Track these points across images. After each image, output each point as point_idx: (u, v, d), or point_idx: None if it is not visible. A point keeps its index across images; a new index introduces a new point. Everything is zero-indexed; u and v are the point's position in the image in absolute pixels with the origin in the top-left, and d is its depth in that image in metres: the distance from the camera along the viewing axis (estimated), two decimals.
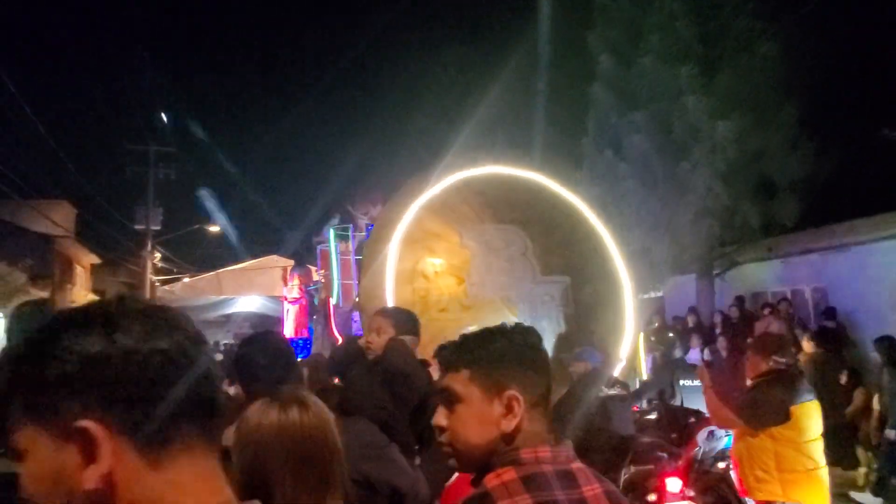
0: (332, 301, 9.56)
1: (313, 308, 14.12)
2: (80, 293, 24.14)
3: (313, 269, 16.10)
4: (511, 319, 7.75)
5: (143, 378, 0.87)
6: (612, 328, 8.50)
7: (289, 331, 15.52)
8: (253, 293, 26.13)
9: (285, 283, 16.28)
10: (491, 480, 1.55)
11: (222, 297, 26.29)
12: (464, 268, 7.90)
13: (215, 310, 26.03)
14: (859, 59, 11.16)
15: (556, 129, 12.99)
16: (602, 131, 12.05)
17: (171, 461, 0.89)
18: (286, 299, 16.03)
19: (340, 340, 8.66)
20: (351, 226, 10.83)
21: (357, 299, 8.48)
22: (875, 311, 11.28)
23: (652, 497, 5.33)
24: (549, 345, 7.76)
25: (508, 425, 1.60)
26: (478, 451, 1.62)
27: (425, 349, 7.48)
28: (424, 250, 7.89)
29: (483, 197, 8.36)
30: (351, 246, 10.63)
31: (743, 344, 9.03)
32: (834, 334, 9.90)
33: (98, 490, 0.84)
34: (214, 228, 28.95)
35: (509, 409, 1.61)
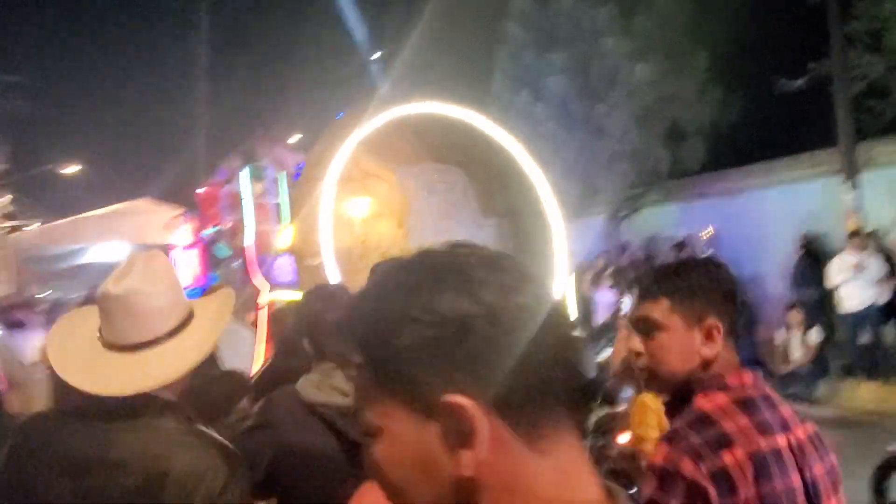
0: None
1: (212, 256, 13.06)
2: None
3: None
4: None
5: (511, 342, 0.73)
6: (547, 270, 8.41)
7: (183, 280, 14.41)
8: (116, 240, 23.56)
9: (170, 229, 15.00)
10: (703, 404, 1.64)
11: (79, 245, 23.81)
12: (404, 210, 7.42)
13: (69, 259, 23.43)
14: (766, 8, 11.53)
15: (465, 66, 12.53)
16: (517, 71, 11.78)
17: (548, 444, 0.75)
18: (174, 246, 14.78)
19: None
20: (268, 167, 9.87)
21: (288, 244, 7.78)
22: (758, 255, 12.05)
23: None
24: None
25: (709, 352, 1.69)
26: (678, 376, 1.71)
27: None
28: (362, 191, 7.32)
29: (421, 136, 7.85)
30: (267, 188, 9.74)
31: None
32: None
33: (477, 477, 0.72)
34: (72, 169, 26.18)
35: (709, 338, 1.70)
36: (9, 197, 25.52)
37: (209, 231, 12.51)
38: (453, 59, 11.69)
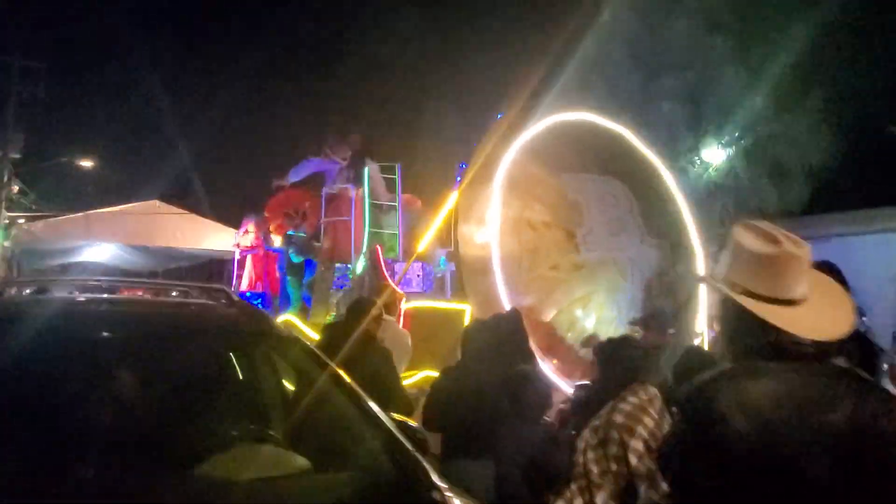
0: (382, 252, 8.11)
1: (287, 259, 12.38)
2: None
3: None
4: (622, 284, 6.87)
5: None
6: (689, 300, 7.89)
7: (244, 283, 13.69)
8: (110, 240, 22.14)
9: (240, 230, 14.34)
10: None
11: (75, 243, 22.76)
12: (571, 220, 6.88)
13: (59, 257, 22.22)
14: (883, 55, 11.31)
15: (566, 86, 12.10)
16: (622, 95, 11.38)
17: None
18: (238, 246, 14.09)
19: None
20: (367, 168, 9.30)
21: (452, 249, 7.20)
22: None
23: None
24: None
25: None
26: None
27: (534, 311, 6.46)
28: (529, 197, 6.79)
29: (582, 144, 7.37)
30: (364, 191, 9.18)
31: None
32: None
33: None
34: (88, 163, 25.34)
35: None
36: (16, 187, 24.58)
37: (290, 233, 11.84)
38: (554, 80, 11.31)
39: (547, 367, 6.25)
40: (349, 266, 9.09)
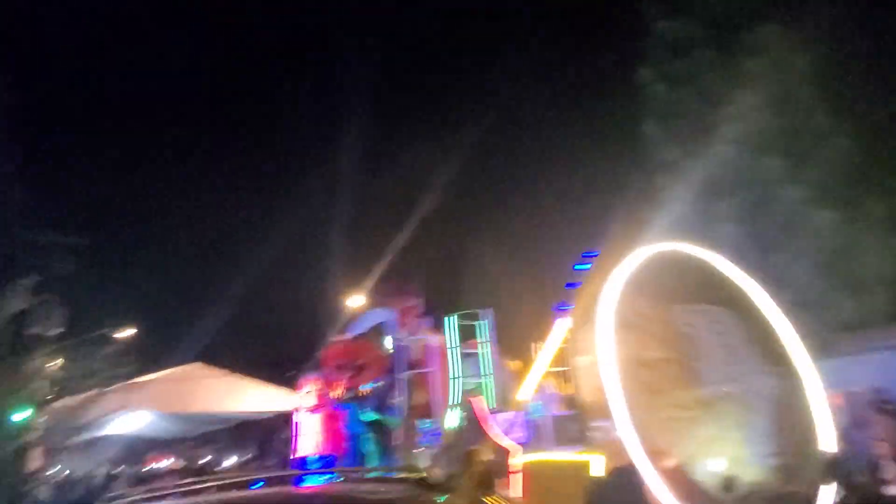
0: (483, 402, 7.75)
1: (356, 417, 11.96)
2: None
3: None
4: (751, 419, 6.43)
5: None
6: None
7: (307, 446, 13.16)
8: (144, 409, 21.33)
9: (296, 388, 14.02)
10: None
11: (104, 414, 22.06)
12: (688, 354, 6.56)
13: (88, 431, 21.34)
14: None
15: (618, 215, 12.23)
16: (679, 222, 11.45)
17: None
18: (298, 409, 13.71)
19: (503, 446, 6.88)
20: (449, 318, 9.08)
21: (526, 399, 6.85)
22: None
23: None
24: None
25: None
26: None
27: (666, 456, 5.97)
28: (642, 334, 6.52)
29: (680, 274, 7.20)
30: (452, 339, 8.96)
31: None
32: None
33: None
34: (126, 333, 25.46)
35: None
36: (60, 361, 24.54)
37: (366, 386, 11.49)
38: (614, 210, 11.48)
39: None
40: (432, 421, 8.73)
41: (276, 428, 23.52)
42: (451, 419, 8.36)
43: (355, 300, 25.32)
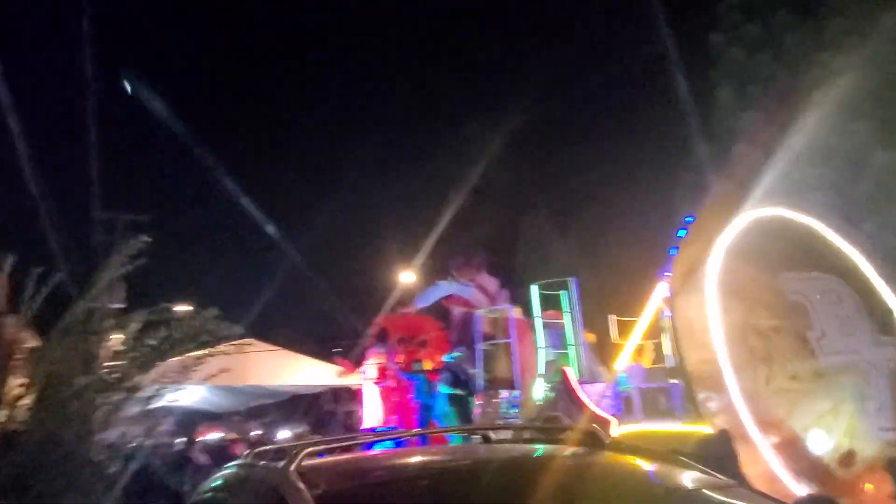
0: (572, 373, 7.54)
1: (424, 389, 11.88)
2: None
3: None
4: (867, 391, 6.11)
5: None
6: None
7: (375, 417, 13.15)
8: (201, 383, 21.97)
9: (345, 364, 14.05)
10: None
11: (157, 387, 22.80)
12: (800, 323, 6.25)
13: (140, 403, 22.30)
14: None
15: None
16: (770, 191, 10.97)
17: None
18: (369, 381, 13.67)
19: (597, 417, 6.66)
20: (534, 286, 8.74)
21: (676, 366, 6.61)
22: None
23: None
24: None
25: None
26: None
27: (781, 429, 5.71)
28: (750, 301, 6.23)
29: (787, 241, 6.87)
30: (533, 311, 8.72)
31: None
32: None
33: None
34: (186, 308, 25.93)
35: None
36: (121, 337, 25.07)
37: (447, 357, 11.34)
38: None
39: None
40: (514, 393, 8.55)
41: (333, 401, 23.81)
42: (538, 391, 8.19)
43: (408, 275, 25.27)
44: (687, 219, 6.79)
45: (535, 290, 8.44)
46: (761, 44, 12.46)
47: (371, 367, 13.48)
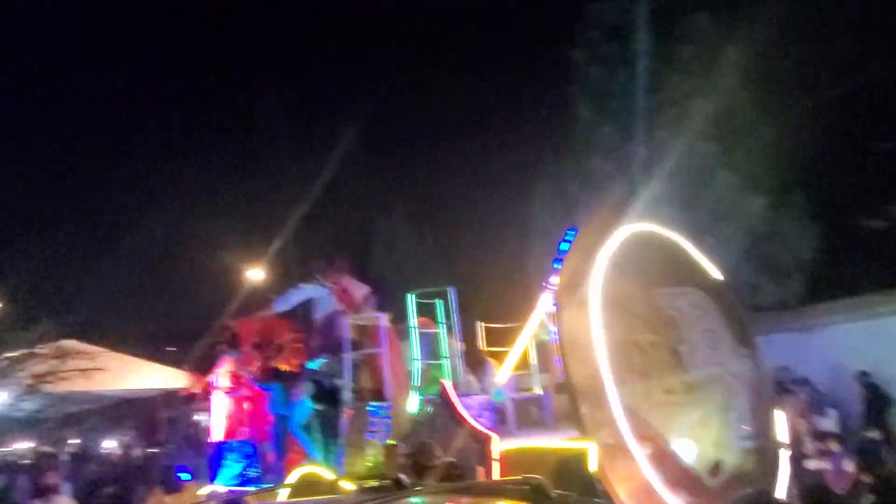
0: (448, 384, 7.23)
1: (280, 400, 11.14)
2: None
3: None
4: (732, 401, 6.45)
5: None
6: None
7: (223, 431, 12.15)
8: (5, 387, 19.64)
9: (195, 376, 12.94)
10: None
11: None
12: (673, 337, 6.44)
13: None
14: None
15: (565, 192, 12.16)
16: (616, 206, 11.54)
17: None
18: (211, 387, 12.62)
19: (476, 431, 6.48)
20: (410, 295, 8.38)
21: (558, 378, 6.49)
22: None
23: None
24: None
25: None
26: None
27: (660, 441, 5.85)
28: (629, 316, 6.32)
29: (658, 256, 7.10)
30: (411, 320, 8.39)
31: None
32: None
33: None
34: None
35: None
36: None
37: (312, 364, 10.59)
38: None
39: None
40: (384, 405, 8.16)
41: (169, 407, 21.86)
42: (412, 404, 7.87)
43: (256, 273, 23.83)
44: (569, 231, 6.80)
45: (411, 299, 8.13)
46: (620, 63, 13.12)
47: (222, 375, 12.45)
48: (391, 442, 7.84)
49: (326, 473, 8.20)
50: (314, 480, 8.06)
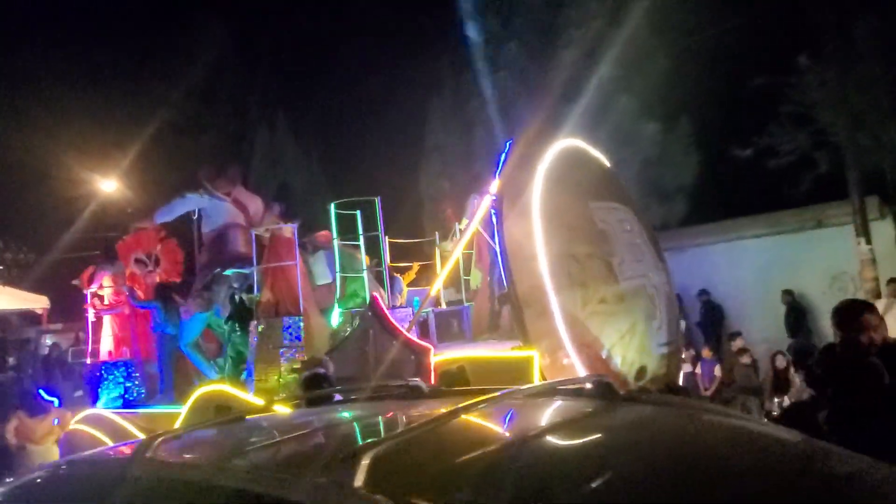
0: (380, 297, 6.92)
1: (167, 316, 10.45)
2: None
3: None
4: (653, 311, 6.79)
5: None
6: None
7: (103, 349, 11.30)
8: None
9: (86, 284, 11.81)
10: None
11: None
12: (605, 250, 6.61)
13: None
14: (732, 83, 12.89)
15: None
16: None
17: None
18: (93, 305, 11.64)
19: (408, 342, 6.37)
20: (332, 205, 7.90)
21: (506, 289, 6.37)
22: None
23: None
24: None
25: None
26: None
27: (594, 349, 6.07)
28: (566, 228, 6.38)
29: (590, 171, 7.19)
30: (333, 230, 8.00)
31: None
32: None
33: None
34: None
35: None
36: None
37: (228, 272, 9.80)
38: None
39: None
40: (297, 319, 7.81)
41: (16, 328, 19.82)
42: (334, 318, 7.57)
43: (109, 185, 21.66)
44: (507, 141, 6.68)
45: (332, 210, 7.68)
46: None
47: (100, 291, 11.40)
48: (304, 358, 7.58)
49: (235, 392, 7.80)
50: (224, 400, 7.62)
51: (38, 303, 17.55)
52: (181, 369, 10.76)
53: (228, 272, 8.65)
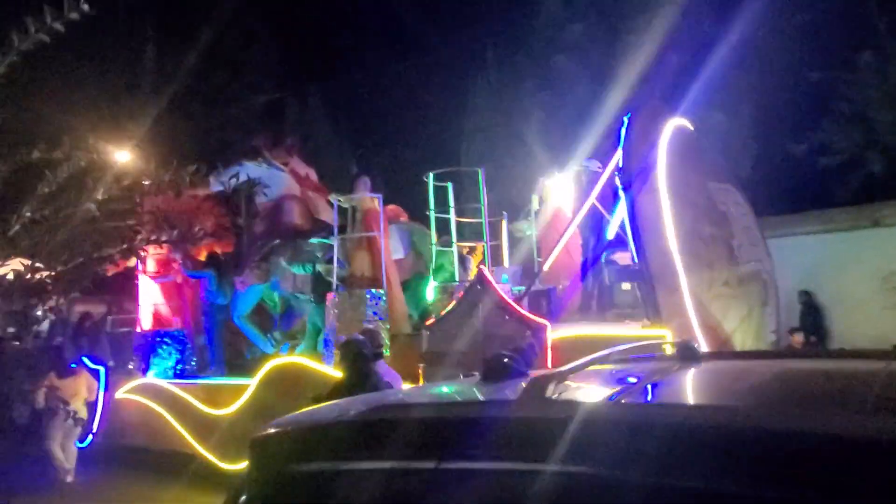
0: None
1: (220, 286, 10.18)
2: None
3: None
4: (768, 297, 6.62)
5: None
6: None
7: (147, 320, 11.00)
8: None
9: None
10: None
11: None
12: (727, 232, 6.42)
13: None
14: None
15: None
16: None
17: None
18: (146, 272, 11.35)
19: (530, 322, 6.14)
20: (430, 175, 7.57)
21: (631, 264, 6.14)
22: None
23: None
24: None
25: None
26: None
27: (719, 332, 5.88)
28: (692, 207, 6.17)
29: (702, 150, 6.99)
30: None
31: None
32: None
33: None
34: None
35: None
36: None
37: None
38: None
39: None
40: (380, 292, 7.55)
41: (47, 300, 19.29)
42: (429, 293, 7.30)
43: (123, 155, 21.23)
44: (625, 116, 6.44)
45: (430, 179, 7.39)
46: None
47: (148, 260, 11.05)
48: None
49: (312, 364, 7.54)
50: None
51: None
52: (229, 342, 10.48)
53: (314, 240, 8.35)
